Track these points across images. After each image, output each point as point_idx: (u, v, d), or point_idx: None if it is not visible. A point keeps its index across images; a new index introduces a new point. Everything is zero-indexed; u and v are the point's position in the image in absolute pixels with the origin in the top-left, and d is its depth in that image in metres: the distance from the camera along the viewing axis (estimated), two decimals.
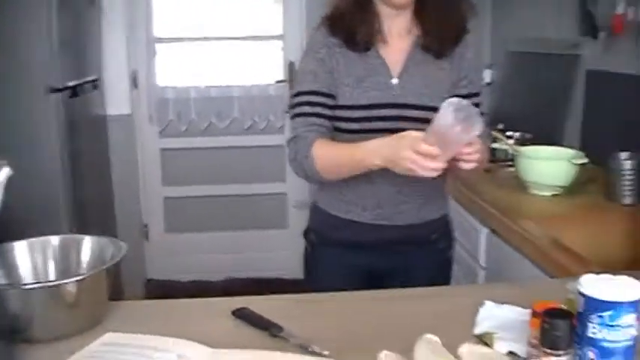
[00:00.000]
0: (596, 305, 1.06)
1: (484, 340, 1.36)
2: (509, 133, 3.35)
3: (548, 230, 2.25)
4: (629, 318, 1.06)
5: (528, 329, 1.37)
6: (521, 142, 3.15)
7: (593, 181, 2.74)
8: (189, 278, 4.66)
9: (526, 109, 3.77)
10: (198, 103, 4.59)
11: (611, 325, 1.05)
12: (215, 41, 4.63)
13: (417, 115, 1.91)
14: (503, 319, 1.47)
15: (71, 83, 3.39)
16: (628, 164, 2.51)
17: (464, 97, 1.83)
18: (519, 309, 1.50)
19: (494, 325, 1.42)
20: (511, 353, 1.31)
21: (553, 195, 2.65)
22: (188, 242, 4.78)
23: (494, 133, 2.97)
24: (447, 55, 2.00)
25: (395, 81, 1.96)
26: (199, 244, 4.76)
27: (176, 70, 4.65)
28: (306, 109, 1.96)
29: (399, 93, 1.95)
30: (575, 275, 1.81)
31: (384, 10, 1.97)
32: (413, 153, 1.65)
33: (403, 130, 1.81)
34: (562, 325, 1.09)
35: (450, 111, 1.61)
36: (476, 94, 2.03)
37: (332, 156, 1.90)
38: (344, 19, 1.96)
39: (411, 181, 1.80)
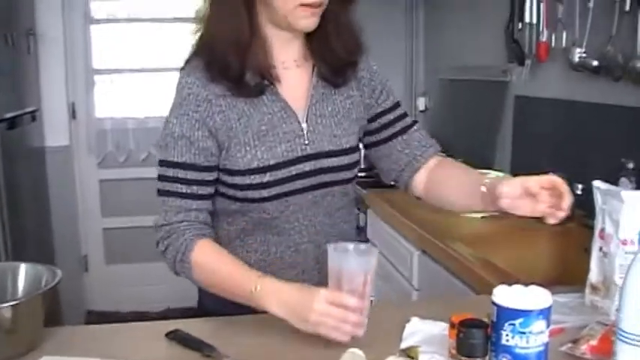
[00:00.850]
0: (507, 314, 1.12)
1: (409, 354, 1.41)
2: None
3: (478, 251, 2.31)
4: (539, 325, 1.12)
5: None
6: None
7: None
8: (129, 309, 4.62)
9: (459, 134, 3.87)
10: (136, 133, 4.60)
11: (523, 332, 1.11)
12: (153, 73, 4.65)
13: (337, 163, 1.67)
14: (427, 333, 1.51)
15: (9, 115, 3.39)
16: None
17: (389, 110, 1.77)
18: (442, 323, 1.55)
19: (419, 340, 1.47)
20: None
21: (482, 217, 2.72)
22: (128, 273, 4.76)
23: None
24: (350, 79, 1.71)
25: (304, 126, 1.64)
26: (139, 275, 4.73)
27: (114, 101, 4.66)
28: (180, 187, 1.59)
29: (311, 140, 1.64)
30: None
31: (275, 36, 1.62)
32: (328, 305, 1.39)
33: (325, 185, 1.66)
34: (476, 333, 1.14)
35: (335, 253, 1.46)
36: (397, 105, 1.80)
37: (215, 274, 1.57)
38: (226, 55, 1.55)
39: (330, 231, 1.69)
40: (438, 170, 1.77)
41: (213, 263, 1.56)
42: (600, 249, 1.65)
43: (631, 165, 2.35)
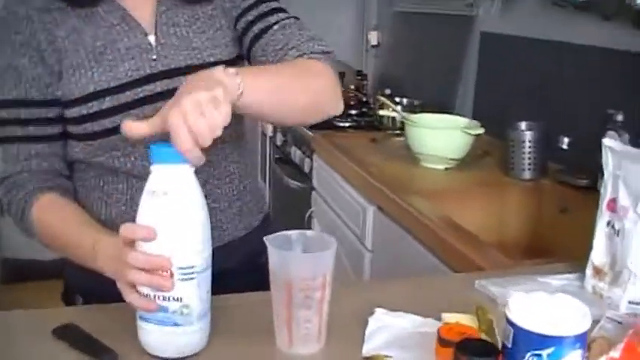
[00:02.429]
0: (531, 340, 0.78)
1: None
2: (396, 99, 3.12)
3: (441, 208, 2.01)
4: (574, 356, 0.78)
5: (430, 349, 1.11)
6: (410, 109, 2.94)
7: (489, 154, 2.53)
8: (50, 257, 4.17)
9: (415, 73, 3.57)
10: None
11: None
12: None
13: None
14: (396, 330, 1.18)
15: None
16: (528, 135, 2.29)
17: (247, 9, 1.41)
18: (417, 318, 1.23)
19: (386, 341, 1.14)
20: None
21: (446, 169, 2.43)
22: None
23: (382, 99, 2.72)
24: None
25: (152, 39, 1.35)
26: None
27: None
28: (15, 130, 1.32)
29: (162, 55, 1.35)
30: (474, 265, 1.62)
31: None
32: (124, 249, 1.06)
33: None
34: None
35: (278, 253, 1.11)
36: (260, 1, 1.42)
37: (59, 238, 1.28)
38: None
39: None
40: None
41: (55, 222, 1.29)
42: (609, 224, 1.32)
43: (620, 117, 2.04)
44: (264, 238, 1.10)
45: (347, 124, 3.16)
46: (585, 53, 2.34)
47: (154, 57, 1.34)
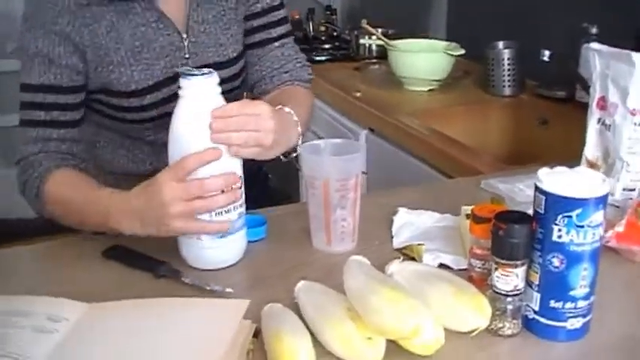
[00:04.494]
0: (562, 204, 0.89)
1: (409, 254, 1.19)
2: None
3: (429, 125, 2.11)
4: (598, 216, 0.90)
5: (455, 237, 1.23)
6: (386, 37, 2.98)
7: (469, 74, 2.62)
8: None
9: (384, 2, 3.58)
10: None
11: (580, 226, 0.89)
12: None
13: (224, 75, 1.34)
14: (419, 226, 1.30)
15: None
16: (506, 53, 2.39)
17: (254, 16, 1.51)
18: (435, 214, 1.34)
19: (414, 236, 1.25)
20: (442, 265, 1.15)
21: (429, 90, 2.51)
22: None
23: (365, 27, 2.78)
24: None
25: (184, 37, 1.41)
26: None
27: None
28: (39, 114, 1.34)
29: (193, 52, 1.42)
30: (471, 170, 1.73)
31: None
32: (177, 184, 1.10)
33: None
34: (520, 230, 0.91)
35: (315, 158, 1.24)
36: (269, 10, 1.53)
37: (71, 204, 1.27)
38: None
39: None
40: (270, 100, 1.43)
41: (68, 192, 1.28)
42: (599, 121, 1.44)
43: (594, 30, 2.15)
44: (299, 147, 1.20)
45: (324, 58, 3.23)
46: None
47: (187, 55, 1.41)
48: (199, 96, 1.12)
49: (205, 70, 1.14)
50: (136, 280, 1.16)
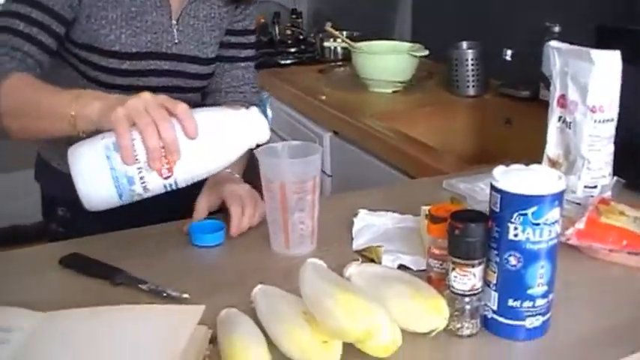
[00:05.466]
0: (517, 202, 0.88)
1: (368, 255, 1.18)
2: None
3: (393, 127, 2.11)
4: (554, 213, 0.89)
5: (415, 237, 1.22)
6: (351, 40, 2.98)
7: (433, 75, 2.62)
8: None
9: (349, 6, 3.58)
10: None
11: (536, 224, 0.88)
12: None
13: (197, 71, 1.52)
14: (380, 227, 1.29)
15: None
16: (470, 54, 2.39)
17: (233, 32, 1.58)
18: (396, 215, 1.33)
19: (374, 238, 1.24)
20: (402, 267, 1.13)
21: (394, 92, 2.51)
22: None
23: (329, 29, 2.77)
24: None
25: (174, 23, 1.46)
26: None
27: None
28: (18, 24, 1.30)
29: (179, 40, 1.47)
30: (435, 171, 1.72)
31: None
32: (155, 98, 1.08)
33: (178, 89, 1.47)
34: (476, 229, 0.90)
35: (270, 160, 1.22)
36: (247, 32, 1.62)
37: (28, 96, 1.22)
38: None
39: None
40: None
41: (29, 90, 1.23)
42: (560, 119, 1.44)
43: (557, 29, 2.16)
44: (255, 152, 1.18)
45: (289, 62, 3.23)
46: None
47: (175, 41, 1.46)
48: None
49: None
50: (93, 287, 1.14)
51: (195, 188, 1.25)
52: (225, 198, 1.30)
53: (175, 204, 1.27)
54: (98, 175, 1.06)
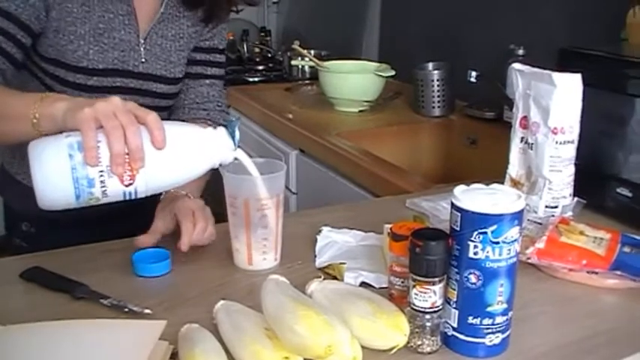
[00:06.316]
0: (477, 220, 0.89)
1: (331, 273, 1.18)
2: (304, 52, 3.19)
3: (359, 146, 2.12)
4: (513, 232, 0.90)
5: (378, 255, 1.23)
6: (319, 59, 3.00)
7: (399, 95, 2.64)
8: None
9: (317, 25, 3.62)
10: None
11: (496, 242, 0.89)
12: None
13: (163, 91, 1.52)
14: (343, 246, 1.29)
15: None
16: (436, 74, 2.42)
17: (201, 50, 1.58)
18: (359, 233, 1.34)
19: (336, 255, 1.25)
20: (364, 284, 1.14)
21: (360, 111, 2.52)
22: None
23: (297, 48, 2.79)
24: (204, 3, 1.51)
25: (141, 42, 1.46)
26: None
27: None
28: None
29: (146, 59, 1.47)
30: (400, 190, 1.73)
31: None
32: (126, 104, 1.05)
33: (145, 107, 1.41)
34: (437, 247, 0.91)
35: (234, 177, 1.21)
36: (214, 50, 1.61)
37: None
38: None
39: None
40: None
41: None
42: (522, 140, 1.45)
43: (520, 51, 2.19)
44: (220, 168, 1.18)
45: (257, 79, 3.24)
46: None
47: (143, 59, 1.46)
48: None
49: None
50: (53, 301, 1.12)
51: (156, 204, 1.25)
52: (177, 213, 1.27)
53: (139, 220, 1.26)
54: (58, 174, 1.02)
